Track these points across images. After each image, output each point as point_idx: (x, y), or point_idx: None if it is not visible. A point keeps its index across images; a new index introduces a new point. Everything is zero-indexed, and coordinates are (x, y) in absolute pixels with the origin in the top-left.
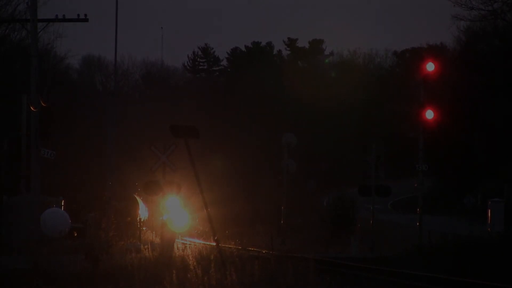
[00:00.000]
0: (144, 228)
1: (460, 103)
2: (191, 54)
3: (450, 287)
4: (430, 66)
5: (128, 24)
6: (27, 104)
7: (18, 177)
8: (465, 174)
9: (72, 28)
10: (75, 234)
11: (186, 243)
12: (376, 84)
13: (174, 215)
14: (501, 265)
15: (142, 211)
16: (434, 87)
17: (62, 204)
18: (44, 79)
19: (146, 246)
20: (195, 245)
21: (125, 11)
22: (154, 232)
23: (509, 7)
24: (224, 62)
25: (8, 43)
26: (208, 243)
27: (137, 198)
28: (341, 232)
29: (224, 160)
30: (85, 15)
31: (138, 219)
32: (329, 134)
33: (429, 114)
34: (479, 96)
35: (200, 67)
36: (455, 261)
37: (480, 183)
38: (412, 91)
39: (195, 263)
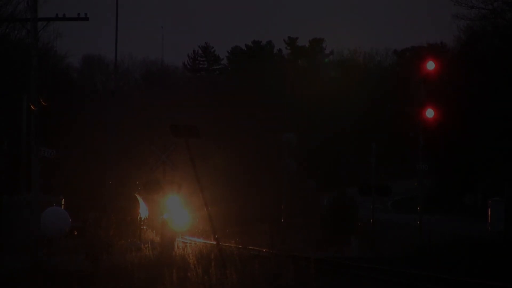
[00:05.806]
0: (144, 227)
1: (460, 102)
2: (191, 53)
3: (450, 287)
4: (430, 65)
5: (128, 24)
6: (27, 104)
7: (18, 177)
8: (465, 173)
9: (73, 28)
10: (75, 233)
11: (187, 242)
12: (376, 83)
13: (175, 214)
14: (501, 265)
15: (143, 210)
16: (434, 86)
17: (62, 203)
18: (44, 79)
19: (146, 245)
20: (195, 244)
21: (125, 11)
22: (154, 231)
23: (509, 6)
24: (225, 61)
25: (8, 43)
26: (208, 242)
27: (138, 197)
28: (341, 232)
29: (224, 159)
30: (86, 14)
31: (138, 218)
32: (329, 134)
33: (430, 113)
34: (479, 95)
35: (200, 66)
36: (455, 261)
37: (480, 182)
38: (413, 90)
39: (195, 262)
